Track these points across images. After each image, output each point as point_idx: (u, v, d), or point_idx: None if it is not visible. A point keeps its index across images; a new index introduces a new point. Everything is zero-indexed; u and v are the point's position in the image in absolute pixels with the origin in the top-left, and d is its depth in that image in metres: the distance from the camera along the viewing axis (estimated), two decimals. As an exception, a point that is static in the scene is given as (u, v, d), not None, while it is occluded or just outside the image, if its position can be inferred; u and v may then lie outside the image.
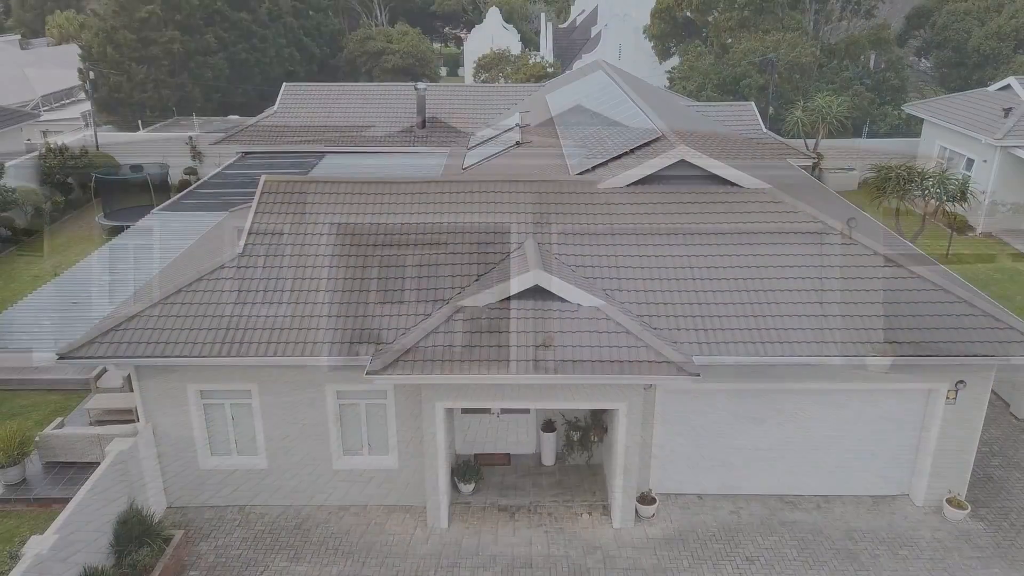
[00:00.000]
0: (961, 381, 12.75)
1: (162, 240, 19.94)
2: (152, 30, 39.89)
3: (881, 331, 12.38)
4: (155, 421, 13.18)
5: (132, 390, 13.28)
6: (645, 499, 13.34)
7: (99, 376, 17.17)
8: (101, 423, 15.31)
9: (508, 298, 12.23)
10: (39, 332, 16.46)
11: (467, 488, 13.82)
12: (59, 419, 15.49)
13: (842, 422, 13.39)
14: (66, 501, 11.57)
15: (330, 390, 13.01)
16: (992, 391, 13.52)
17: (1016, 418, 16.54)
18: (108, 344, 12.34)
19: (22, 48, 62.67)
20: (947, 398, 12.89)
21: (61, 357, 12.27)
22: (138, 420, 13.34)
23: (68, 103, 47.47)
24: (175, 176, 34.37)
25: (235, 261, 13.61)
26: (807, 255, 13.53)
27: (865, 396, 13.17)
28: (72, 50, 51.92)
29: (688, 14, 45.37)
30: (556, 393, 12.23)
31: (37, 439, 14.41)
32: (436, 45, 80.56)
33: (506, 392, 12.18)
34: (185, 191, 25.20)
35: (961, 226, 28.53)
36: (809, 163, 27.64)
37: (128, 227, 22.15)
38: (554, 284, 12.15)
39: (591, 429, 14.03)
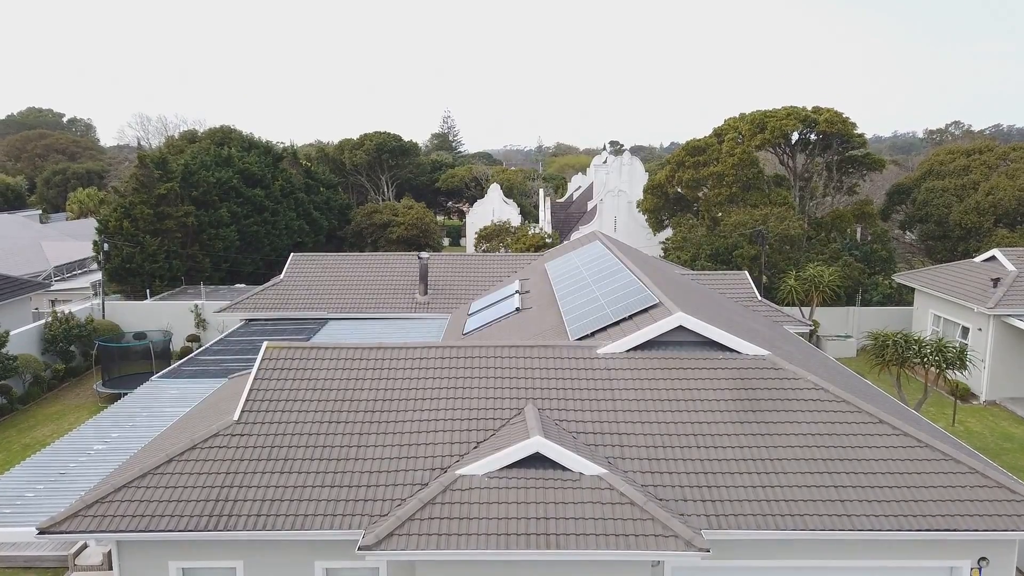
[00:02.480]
0: (984, 558, 12.12)
1: (158, 408, 19.72)
2: (169, 205, 41.77)
3: (895, 503, 11.94)
4: (132, 602, 12.38)
5: (112, 567, 12.60)
6: None
7: (79, 552, 16.34)
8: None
9: (508, 466, 11.91)
10: (23, 505, 15.85)
11: None
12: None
13: (863, 603, 12.57)
14: None
15: (319, 568, 12.33)
16: (1017, 568, 12.81)
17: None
18: (91, 517, 11.84)
19: (42, 222, 65.45)
20: (971, 576, 12.20)
21: (41, 532, 11.73)
22: (114, 601, 12.52)
23: (80, 273, 48.76)
24: (178, 343, 34.64)
25: (230, 429, 13.39)
26: (812, 423, 13.33)
27: (883, 575, 12.45)
28: (89, 224, 54.17)
29: (679, 190, 47.72)
30: (558, 570, 11.57)
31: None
32: (440, 217, 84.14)
33: (506, 569, 11.53)
34: (186, 358, 25.29)
35: (964, 394, 28.38)
36: (806, 330, 27.96)
37: (126, 394, 22.00)
38: (555, 451, 11.86)
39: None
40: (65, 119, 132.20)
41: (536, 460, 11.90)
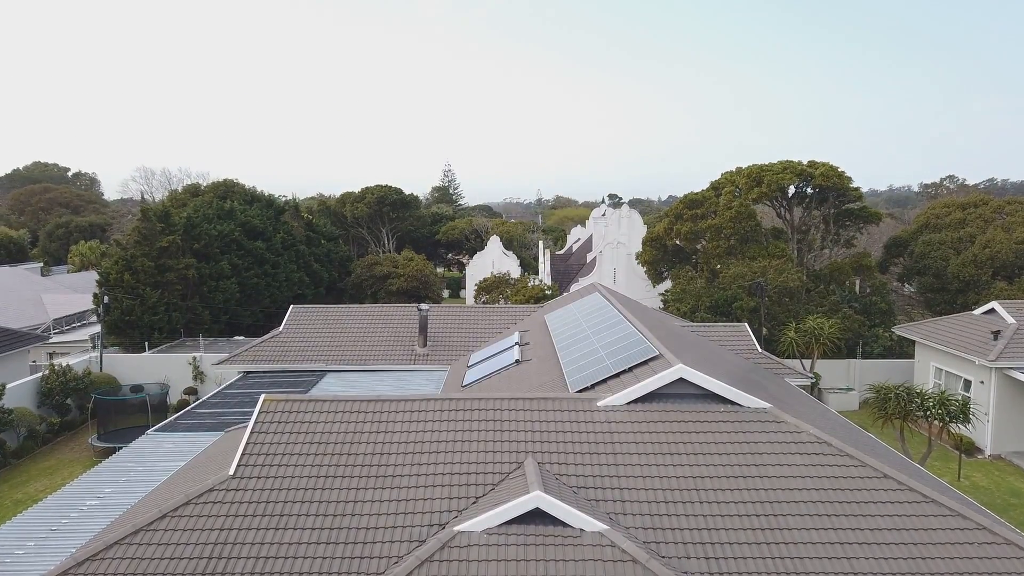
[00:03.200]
0: (996, 617, 11.79)
1: (153, 462, 19.46)
2: (170, 257, 41.99)
3: (902, 560, 11.69)
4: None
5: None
6: None
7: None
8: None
9: (508, 522, 11.69)
10: (12, 563, 15.50)
11: None
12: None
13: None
14: None
15: (314, 628, 11.99)
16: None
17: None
18: None
19: (43, 275, 65.67)
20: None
21: (29, 589, 11.46)
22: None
23: (79, 326, 48.71)
24: (175, 396, 34.41)
25: (225, 484, 13.19)
26: (815, 477, 13.15)
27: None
28: (90, 276, 54.36)
29: (678, 242, 48.05)
30: (559, 631, 11.25)
31: None
32: (440, 269, 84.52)
33: (505, 630, 11.22)
34: (182, 411, 25.09)
35: (969, 448, 28.07)
36: (807, 383, 27.82)
37: (120, 448, 21.75)
38: (556, 507, 11.66)
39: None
40: (70, 173, 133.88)
41: (536, 516, 11.69)
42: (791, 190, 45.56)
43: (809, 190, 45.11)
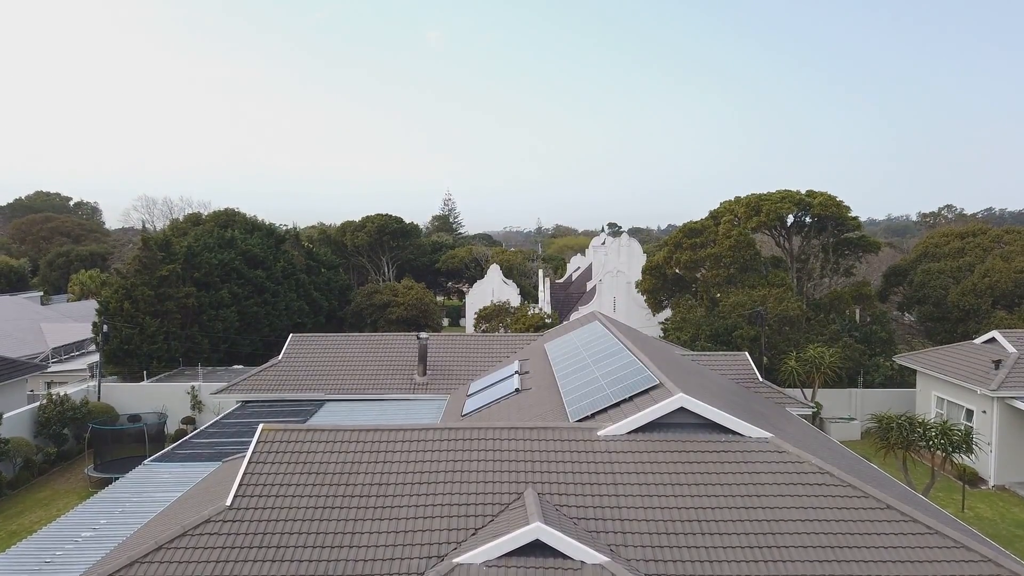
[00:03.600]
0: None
1: (150, 493, 19.27)
2: (170, 286, 41.99)
3: (907, 592, 11.52)
4: None
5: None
6: None
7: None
8: None
9: (508, 554, 11.55)
10: (4, 595, 15.29)
11: None
12: None
13: None
14: None
15: (310, 662, 11.79)
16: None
17: None
18: (74, 608, 11.41)
19: (42, 304, 65.66)
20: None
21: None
22: None
23: (78, 355, 48.58)
24: (174, 425, 34.21)
25: (222, 515, 13.05)
26: (817, 508, 13.01)
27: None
28: (90, 305, 54.34)
29: (677, 271, 48.10)
30: (560, 666, 11.06)
31: None
32: (440, 298, 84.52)
33: (504, 665, 11.03)
34: (180, 441, 24.91)
35: (972, 478, 27.84)
36: (808, 412, 27.66)
37: (117, 479, 21.56)
38: (556, 539, 11.53)
39: None
40: (72, 203, 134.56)
41: (536, 548, 11.55)
42: (790, 219, 45.75)
43: (808, 219, 45.29)
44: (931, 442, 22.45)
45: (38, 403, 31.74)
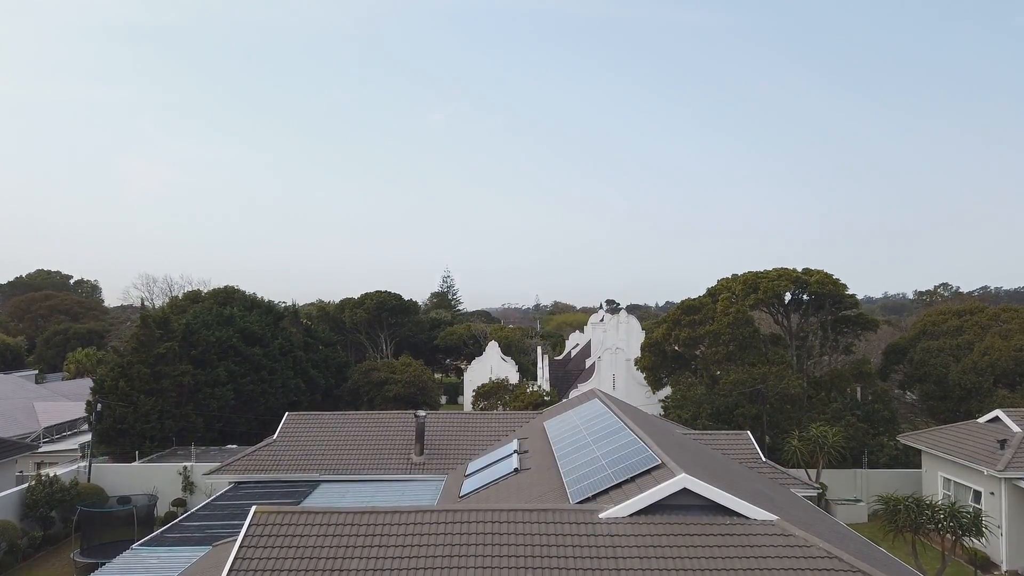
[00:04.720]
0: None
1: (136, 578, 18.67)
2: (167, 364, 41.75)
3: None
4: None
5: None
6: None
7: None
8: None
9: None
10: None
11: None
12: None
13: None
14: None
15: None
16: None
17: None
18: None
19: (37, 382, 65.15)
20: None
21: None
22: None
23: (70, 434, 47.87)
24: (163, 507, 33.41)
25: (211, 602, 12.58)
26: (828, 594, 12.58)
27: None
28: (85, 383, 53.91)
29: (676, 348, 48.00)
30: None
31: None
32: (438, 375, 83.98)
33: None
34: (169, 524, 24.28)
35: (984, 563, 27.08)
36: (814, 493, 27.11)
37: (103, 564, 20.89)
38: (556, 629, 11.09)
39: None
40: (72, 280, 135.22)
41: (536, 637, 11.10)
42: (787, 297, 45.98)
43: (805, 297, 45.53)
44: (940, 524, 21.92)
45: (26, 485, 31.05)
